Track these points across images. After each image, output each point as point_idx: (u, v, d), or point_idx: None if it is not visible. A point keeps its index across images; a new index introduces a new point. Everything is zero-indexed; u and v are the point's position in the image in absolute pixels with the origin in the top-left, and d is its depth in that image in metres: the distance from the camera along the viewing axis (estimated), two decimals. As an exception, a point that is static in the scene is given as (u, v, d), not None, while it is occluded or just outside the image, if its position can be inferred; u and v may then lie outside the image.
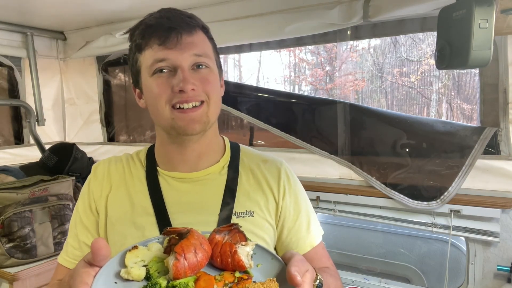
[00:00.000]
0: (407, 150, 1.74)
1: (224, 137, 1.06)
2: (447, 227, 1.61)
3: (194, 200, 0.92)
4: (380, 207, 1.76)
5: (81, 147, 2.55)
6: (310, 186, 1.84)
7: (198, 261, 0.65)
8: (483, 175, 1.56)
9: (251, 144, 2.29)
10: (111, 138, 2.77)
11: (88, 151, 2.64)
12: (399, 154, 1.75)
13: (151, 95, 0.88)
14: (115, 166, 0.99)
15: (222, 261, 0.69)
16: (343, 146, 1.89)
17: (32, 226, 1.73)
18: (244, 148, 1.05)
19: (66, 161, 2.34)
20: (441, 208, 1.59)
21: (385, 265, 2.31)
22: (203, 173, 0.95)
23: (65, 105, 2.81)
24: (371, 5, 1.56)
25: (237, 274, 0.67)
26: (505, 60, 1.49)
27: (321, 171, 1.94)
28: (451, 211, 1.58)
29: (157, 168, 0.97)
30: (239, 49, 2.23)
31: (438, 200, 1.59)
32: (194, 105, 0.85)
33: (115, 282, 0.64)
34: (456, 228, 1.59)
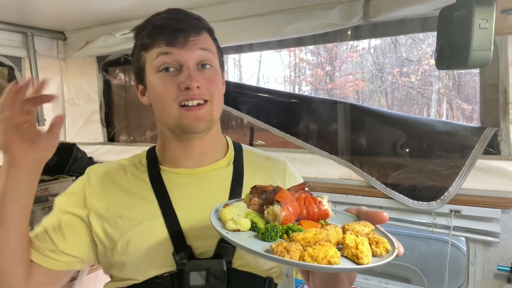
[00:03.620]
0: (407, 150, 1.73)
1: (227, 136, 1.07)
2: (447, 227, 1.60)
3: (200, 195, 0.92)
4: (380, 207, 1.76)
5: (81, 147, 2.55)
6: (310, 186, 1.83)
7: (296, 208, 0.72)
8: (483, 175, 1.56)
9: (251, 144, 2.29)
10: (111, 138, 2.77)
11: (88, 151, 2.65)
12: (399, 154, 1.75)
13: (157, 93, 0.88)
14: (110, 172, 0.98)
15: (309, 212, 0.74)
16: (343, 146, 1.89)
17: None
18: (246, 147, 1.07)
19: (66, 161, 2.34)
20: (441, 208, 1.59)
21: (385, 265, 2.30)
22: (208, 168, 0.96)
23: (65, 105, 2.80)
24: (371, 5, 1.55)
25: (323, 223, 0.73)
26: (505, 60, 1.48)
27: (321, 171, 1.94)
28: (451, 211, 1.58)
29: (160, 166, 0.97)
30: (239, 49, 2.23)
31: (438, 200, 1.59)
32: (198, 102, 0.86)
33: (227, 233, 0.67)
34: (456, 228, 1.59)
